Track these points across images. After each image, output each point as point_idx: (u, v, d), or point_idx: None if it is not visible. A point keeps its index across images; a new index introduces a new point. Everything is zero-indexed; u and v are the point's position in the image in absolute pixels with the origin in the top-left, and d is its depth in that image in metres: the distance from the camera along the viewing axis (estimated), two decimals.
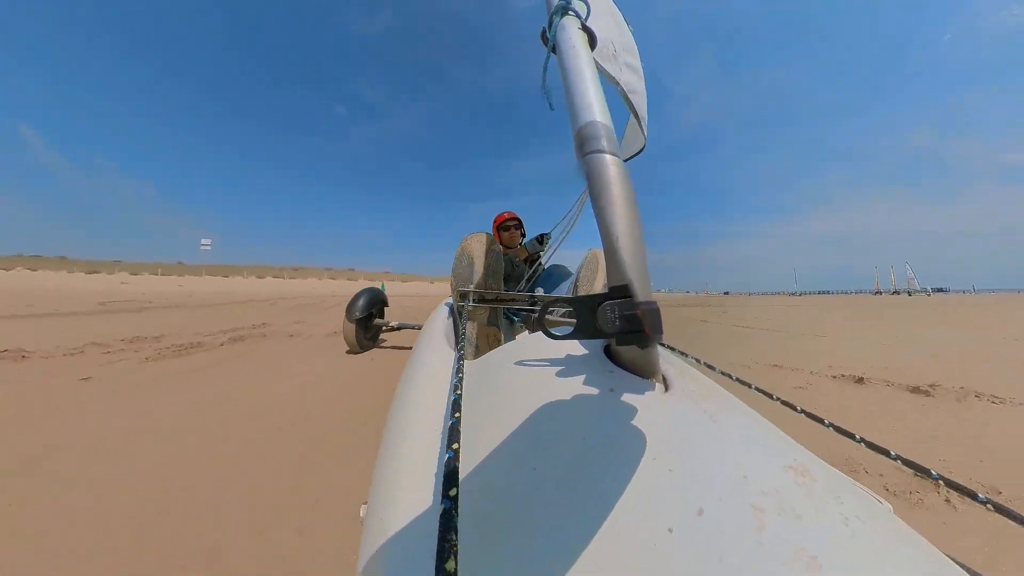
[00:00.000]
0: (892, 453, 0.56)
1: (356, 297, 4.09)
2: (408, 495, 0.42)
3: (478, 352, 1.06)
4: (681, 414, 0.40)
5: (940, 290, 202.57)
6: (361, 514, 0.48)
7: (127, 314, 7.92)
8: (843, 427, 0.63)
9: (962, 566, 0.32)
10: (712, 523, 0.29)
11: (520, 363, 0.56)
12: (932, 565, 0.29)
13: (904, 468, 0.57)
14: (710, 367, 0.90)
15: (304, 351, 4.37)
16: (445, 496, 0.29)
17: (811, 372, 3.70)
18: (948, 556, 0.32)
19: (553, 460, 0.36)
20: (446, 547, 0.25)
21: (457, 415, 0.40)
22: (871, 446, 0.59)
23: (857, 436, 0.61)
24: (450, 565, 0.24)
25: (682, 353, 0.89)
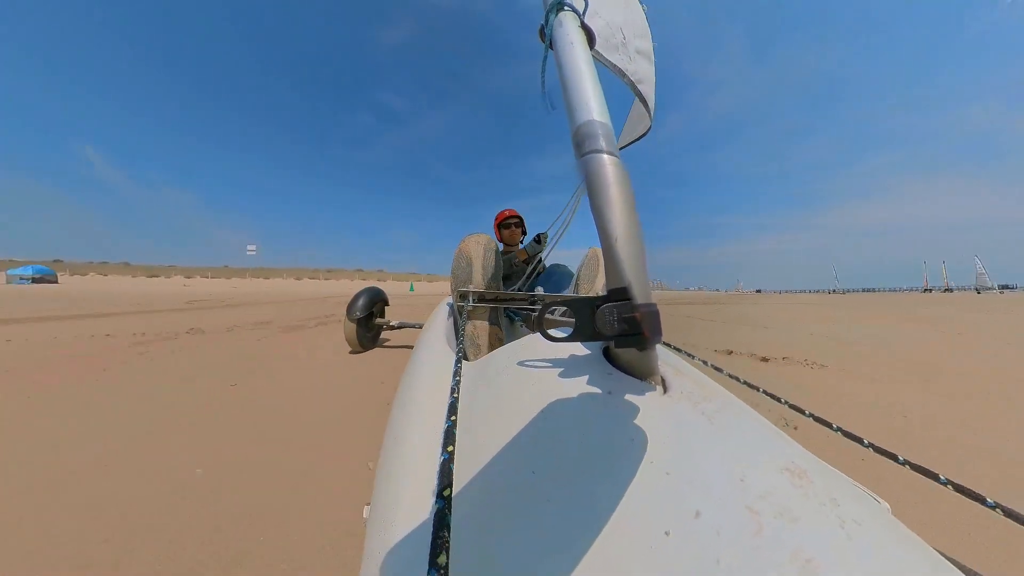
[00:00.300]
0: (900, 458, 0.55)
1: (356, 297, 4.08)
2: (410, 496, 0.42)
3: (482, 351, 1.06)
4: (679, 416, 0.40)
5: (1006, 287, 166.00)
6: (364, 515, 0.48)
7: (220, 309, 10.05)
8: (851, 432, 0.62)
9: (960, 567, 0.32)
10: (709, 526, 0.29)
11: (520, 364, 0.56)
12: (929, 567, 0.29)
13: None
14: (718, 369, 0.89)
15: None
16: (439, 496, 0.30)
17: (715, 350, 4.77)
18: (946, 557, 0.32)
19: (552, 462, 0.36)
20: (438, 543, 0.26)
21: (453, 418, 0.40)
22: (879, 450, 0.59)
23: (865, 441, 0.60)
24: (442, 559, 0.25)
25: (687, 353, 0.89)
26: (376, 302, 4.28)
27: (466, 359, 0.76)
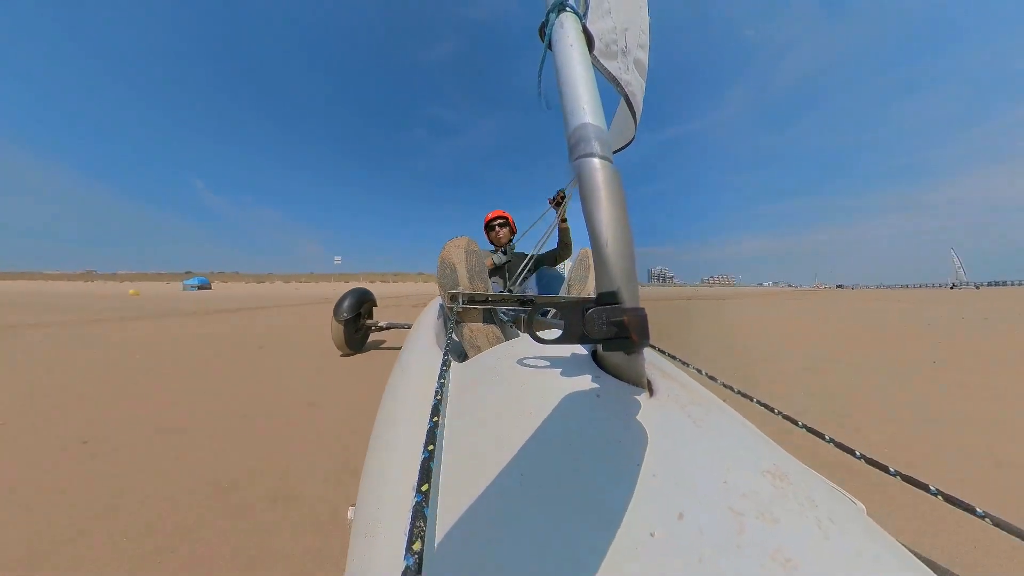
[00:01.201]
0: (891, 469, 0.57)
1: (342, 298, 4.02)
2: (394, 497, 0.42)
3: (479, 352, 1.05)
4: (665, 419, 0.40)
5: None
6: (349, 516, 0.47)
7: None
8: (843, 443, 0.64)
9: (932, 565, 0.33)
10: (693, 527, 0.30)
11: (509, 365, 0.56)
12: (903, 566, 0.30)
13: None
14: (712, 378, 0.91)
15: None
16: (417, 491, 0.31)
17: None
18: (918, 556, 0.33)
19: (539, 463, 0.37)
20: (414, 532, 0.28)
21: (436, 419, 0.41)
22: (870, 462, 0.61)
23: (857, 452, 0.62)
24: (416, 546, 0.27)
25: (681, 361, 0.90)
26: (363, 303, 4.22)
27: (460, 360, 0.76)
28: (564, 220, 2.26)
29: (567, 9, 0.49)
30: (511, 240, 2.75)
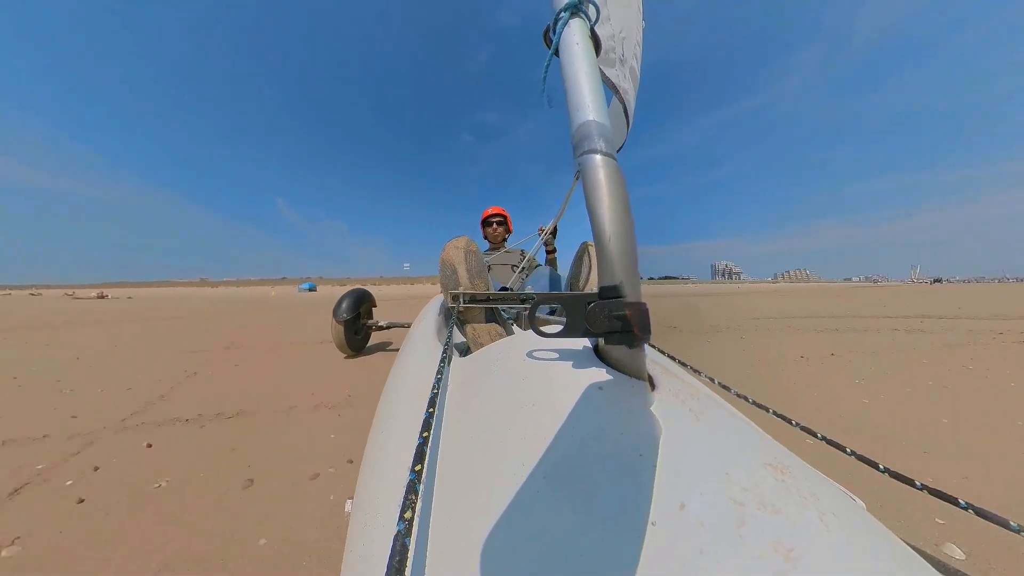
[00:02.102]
0: (918, 483, 0.56)
1: (341, 299, 4.01)
2: (392, 491, 0.42)
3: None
4: (667, 412, 0.41)
5: None
6: (347, 509, 0.48)
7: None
8: (834, 440, 0.64)
9: (931, 560, 0.34)
10: (694, 517, 0.30)
11: (511, 359, 0.56)
12: (902, 560, 0.30)
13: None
14: (710, 379, 0.91)
15: None
16: (412, 470, 0.34)
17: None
18: (918, 551, 0.33)
19: (540, 454, 0.37)
20: (406, 504, 0.30)
21: (431, 410, 0.42)
22: (860, 458, 0.61)
23: (881, 466, 0.61)
24: (408, 515, 0.30)
25: (680, 361, 0.90)
26: (363, 303, 4.21)
27: (462, 356, 0.76)
28: (553, 251, 2.33)
29: (580, 14, 0.50)
30: (505, 239, 2.74)
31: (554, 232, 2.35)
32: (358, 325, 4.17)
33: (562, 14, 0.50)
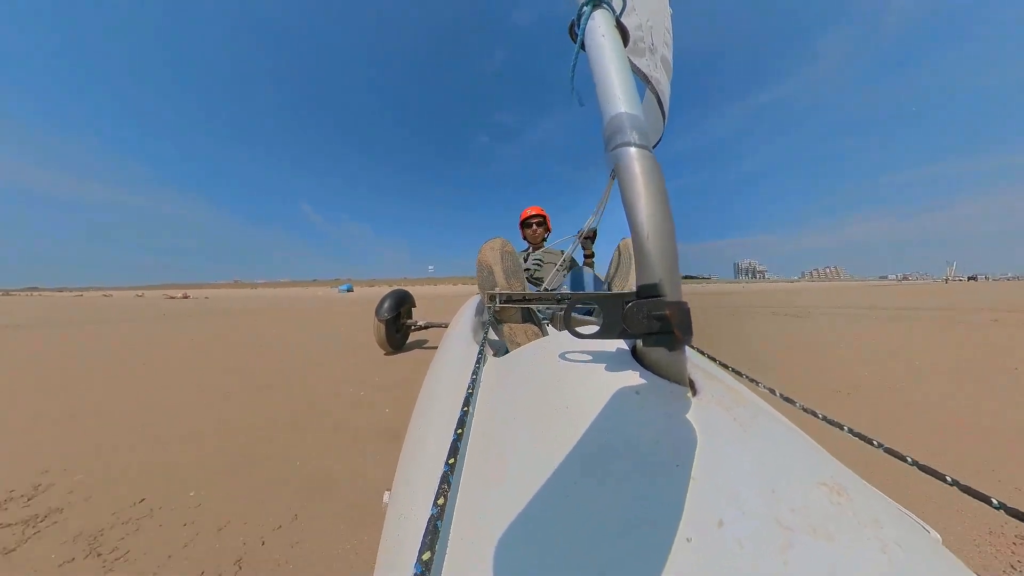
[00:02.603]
0: (948, 478, 0.51)
1: (383, 299, 4.18)
2: (426, 484, 0.43)
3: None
4: (708, 420, 0.38)
5: None
6: (384, 500, 0.49)
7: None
8: (894, 449, 0.58)
9: None
10: (733, 536, 0.27)
11: (547, 360, 0.55)
12: None
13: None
14: (753, 381, 0.85)
15: None
16: (445, 463, 0.35)
17: None
18: None
19: (573, 459, 0.36)
20: (439, 492, 0.33)
21: (466, 408, 0.42)
22: (924, 469, 0.55)
23: (909, 459, 0.56)
24: (440, 501, 0.32)
25: (711, 358, 0.85)
26: (403, 303, 4.36)
27: (498, 356, 0.76)
28: (591, 255, 2.27)
29: (603, 6, 0.50)
30: (545, 239, 2.73)
31: (593, 236, 2.30)
32: (399, 324, 4.33)
33: (585, 8, 0.49)
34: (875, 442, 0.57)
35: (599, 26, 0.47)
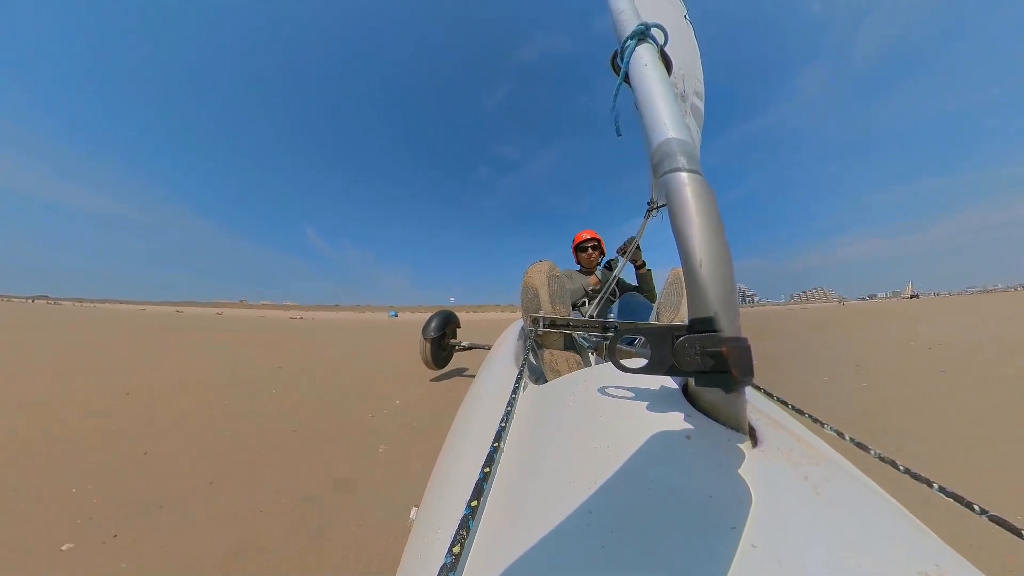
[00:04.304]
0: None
1: (431, 318, 4.30)
2: (454, 507, 0.42)
3: (558, 377, 1.04)
4: (772, 477, 0.33)
5: None
6: (411, 516, 0.49)
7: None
8: (1004, 519, 0.45)
9: None
10: None
11: (589, 393, 0.52)
12: None
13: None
14: (817, 422, 0.74)
15: None
16: (468, 505, 0.34)
17: None
18: None
19: (610, 508, 0.32)
20: (456, 537, 0.31)
21: (496, 444, 0.41)
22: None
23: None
24: (456, 549, 0.30)
25: (780, 400, 0.76)
26: (448, 324, 4.45)
27: (538, 383, 0.74)
28: (643, 265, 2.15)
29: (647, 40, 0.50)
30: (600, 262, 2.69)
31: (610, 266, 2.22)
32: (443, 343, 4.41)
33: (628, 42, 0.50)
34: (976, 507, 0.44)
35: (643, 57, 0.48)
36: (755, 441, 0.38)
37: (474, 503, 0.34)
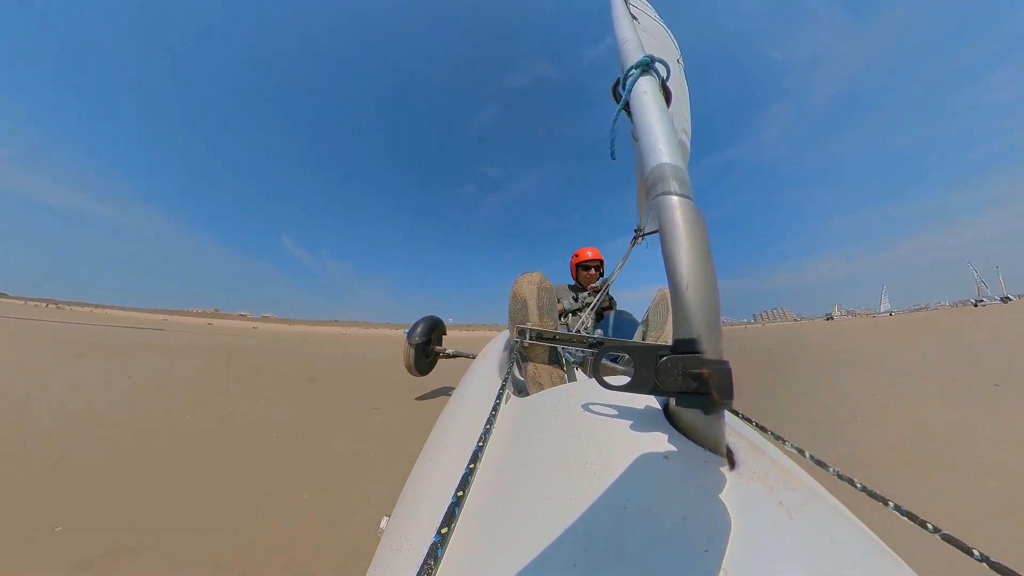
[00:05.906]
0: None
1: (416, 323, 4.22)
2: (426, 520, 0.41)
3: (540, 391, 1.03)
4: (748, 501, 0.34)
5: None
6: (381, 526, 0.48)
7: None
8: (1003, 563, 0.46)
9: None
10: None
11: (571, 408, 0.52)
12: None
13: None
14: (799, 451, 0.74)
15: None
16: (448, 508, 0.33)
17: None
18: None
19: (585, 525, 0.32)
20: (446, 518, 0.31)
21: (481, 444, 0.40)
22: (998, 567, 0.43)
23: (976, 552, 0.44)
24: (444, 531, 0.30)
25: (759, 426, 0.77)
26: (435, 330, 4.38)
27: (520, 396, 0.74)
28: (610, 306, 2.19)
29: (650, 72, 0.53)
30: (596, 284, 2.69)
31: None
32: (428, 349, 4.33)
33: (632, 71, 0.52)
34: (930, 526, 0.45)
35: (643, 86, 0.50)
36: (732, 464, 0.38)
37: (444, 530, 0.32)
